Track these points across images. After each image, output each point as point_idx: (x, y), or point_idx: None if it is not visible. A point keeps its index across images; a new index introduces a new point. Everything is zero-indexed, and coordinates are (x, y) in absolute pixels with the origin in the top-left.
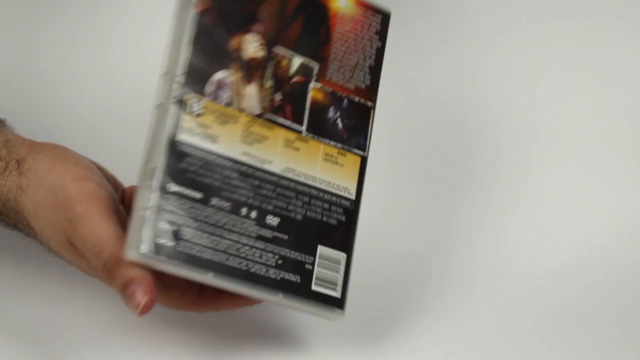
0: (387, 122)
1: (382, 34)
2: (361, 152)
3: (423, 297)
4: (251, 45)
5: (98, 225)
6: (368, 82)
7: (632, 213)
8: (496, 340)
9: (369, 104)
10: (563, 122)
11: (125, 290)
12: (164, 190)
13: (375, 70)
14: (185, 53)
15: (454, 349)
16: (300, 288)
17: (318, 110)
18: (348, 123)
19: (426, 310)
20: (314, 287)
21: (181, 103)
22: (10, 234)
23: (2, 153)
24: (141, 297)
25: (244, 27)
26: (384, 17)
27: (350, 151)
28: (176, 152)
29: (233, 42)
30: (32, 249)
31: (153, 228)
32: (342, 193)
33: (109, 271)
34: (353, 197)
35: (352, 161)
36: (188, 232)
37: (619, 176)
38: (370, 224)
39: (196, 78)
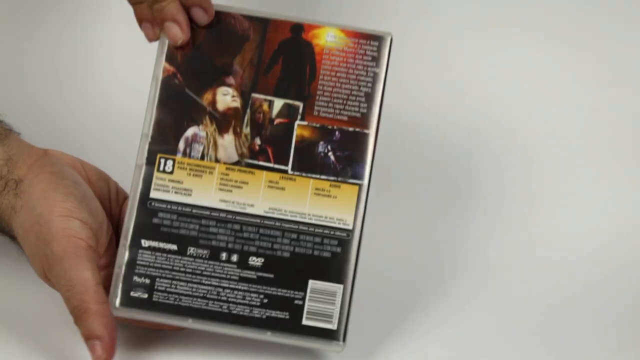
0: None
1: (379, 60)
2: (358, 181)
3: (423, 299)
4: (225, 97)
5: (72, 270)
6: (364, 110)
7: (632, 213)
8: (496, 340)
9: (366, 131)
10: (561, 123)
11: (87, 341)
12: (137, 247)
13: (372, 97)
14: (155, 115)
15: (454, 349)
16: (289, 324)
17: (305, 147)
18: (341, 154)
19: (426, 311)
20: (305, 322)
21: (153, 163)
22: None
23: (3, 172)
24: (100, 353)
25: (216, 81)
26: (381, 42)
27: (345, 182)
28: (149, 210)
29: (206, 97)
30: None
31: (127, 283)
32: (335, 225)
33: (75, 317)
34: (350, 227)
35: (347, 192)
36: (163, 283)
37: (619, 176)
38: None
39: (168, 137)
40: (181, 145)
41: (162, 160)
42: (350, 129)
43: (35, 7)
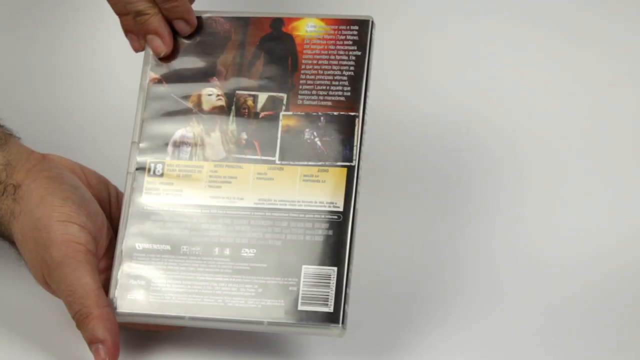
0: (390, 130)
1: (362, 43)
2: (346, 163)
3: (423, 299)
4: (210, 97)
5: (72, 275)
6: (348, 93)
7: (632, 213)
8: (496, 340)
9: (352, 113)
10: (561, 123)
11: (90, 345)
12: (132, 251)
13: (356, 80)
14: (143, 122)
15: (454, 349)
16: (285, 311)
17: (291, 136)
18: (328, 139)
19: (426, 311)
20: (300, 307)
21: (144, 168)
22: None
23: (2, 177)
24: (104, 356)
25: (201, 82)
26: (362, 26)
27: (333, 165)
28: (141, 214)
29: (192, 99)
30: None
31: (124, 287)
32: (326, 208)
33: (77, 322)
34: (340, 209)
35: (336, 175)
36: (159, 284)
37: (619, 176)
38: (367, 235)
39: (157, 142)
40: (170, 148)
41: (152, 165)
42: (335, 112)
43: (35, 7)
